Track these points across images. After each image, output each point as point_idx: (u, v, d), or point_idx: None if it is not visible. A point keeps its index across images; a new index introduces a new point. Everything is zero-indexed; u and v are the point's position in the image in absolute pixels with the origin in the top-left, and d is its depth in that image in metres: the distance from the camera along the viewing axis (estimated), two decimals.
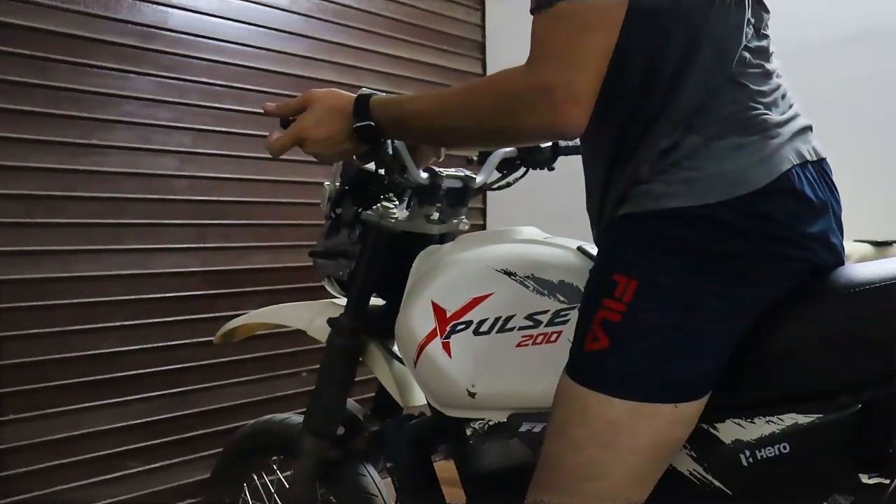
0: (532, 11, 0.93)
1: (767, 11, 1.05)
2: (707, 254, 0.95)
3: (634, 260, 0.98)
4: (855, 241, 2.29)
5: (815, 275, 0.99)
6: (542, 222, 1.35)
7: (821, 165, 1.02)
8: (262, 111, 1.20)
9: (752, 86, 0.99)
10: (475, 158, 1.57)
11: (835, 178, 1.05)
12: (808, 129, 1.04)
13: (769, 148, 0.97)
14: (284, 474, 1.61)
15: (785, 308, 0.98)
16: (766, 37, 1.04)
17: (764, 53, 1.03)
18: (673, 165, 0.97)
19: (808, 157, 1.00)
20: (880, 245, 2.29)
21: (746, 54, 1.00)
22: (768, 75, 1.02)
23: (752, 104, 0.99)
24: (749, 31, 1.00)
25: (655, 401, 0.95)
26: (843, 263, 1.04)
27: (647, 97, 0.98)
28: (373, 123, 1.08)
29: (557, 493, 1.00)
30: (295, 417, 1.56)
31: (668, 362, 0.95)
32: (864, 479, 0.98)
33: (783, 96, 1.04)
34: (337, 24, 2.69)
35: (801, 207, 0.97)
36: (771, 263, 0.96)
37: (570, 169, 1.70)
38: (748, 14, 1.00)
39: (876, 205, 2.45)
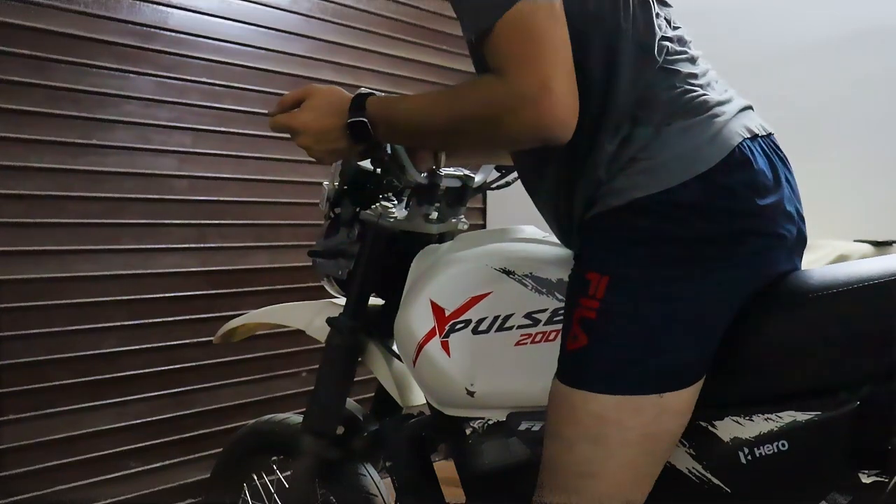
0: (480, 35, 0.93)
1: (670, 6, 1.08)
2: (673, 241, 0.96)
3: (604, 256, 1.00)
4: (855, 241, 2.29)
5: (787, 250, 1.01)
6: (542, 222, 1.35)
7: (770, 139, 1.05)
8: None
9: (683, 70, 1.02)
10: None
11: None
12: (750, 107, 1.06)
13: (716, 126, 0.99)
14: (284, 474, 1.61)
15: (783, 304, 0.98)
16: (678, 28, 1.07)
17: (683, 41, 1.06)
18: (630, 161, 0.99)
19: (757, 132, 1.02)
20: (880, 245, 2.29)
21: (667, 43, 1.03)
22: (694, 60, 1.05)
23: (688, 87, 1.01)
24: (661, 23, 1.03)
25: (638, 392, 0.96)
26: (804, 232, 1.06)
27: (584, 103, 0.97)
28: (365, 120, 1.08)
29: (558, 494, 1.01)
30: (295, 417, 1.56)
31: (647, 353, 0.96)
32: (863, 475, 0.98)
33: (716, 80, 1.06)
34: (337, 24, 2.69)
35: (756, 179, 0.98)
36: (735, 240, 0.97)
37: None
38: (655, 9, 1.03)
39: (876, 205, 2.45)
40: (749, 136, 1.00)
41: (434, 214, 1.36)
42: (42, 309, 2.01)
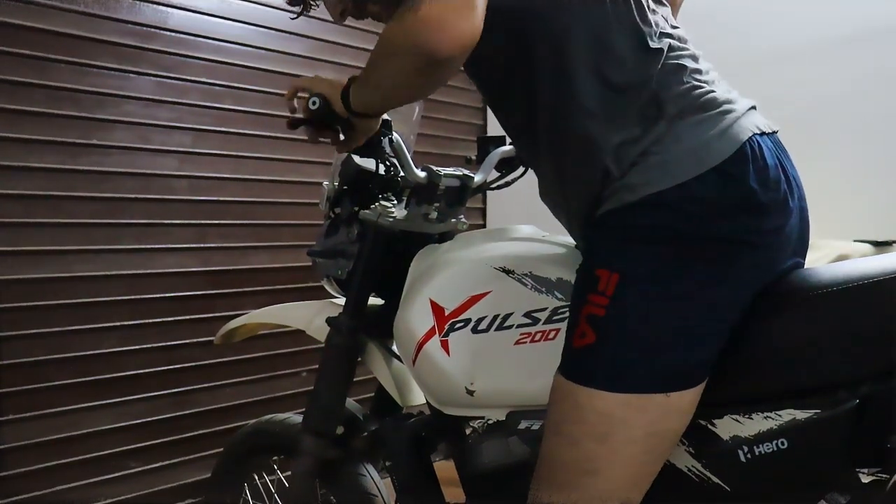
0: None
1: (665, 5, 1.09)
2: (685, 238, 0.96)
3: (615, 253, 0.99)
4: (855, 241, 2.30)
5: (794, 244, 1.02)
6: (542, 221, 1.35)
7: (775, 136, 1.05)
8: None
9: (688, 66, 1.02)
10: (474, 158, 1.57)
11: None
12: (754, 107, 1.07)
13: (727, 120, 0.99)
14: (284, 474, 1.61)
15: (782, 303, 0.98)
16: (677, 27, 1.08)
17: (683, 39, 1.06)
18: (642, 154, 0.99)
19: (764, 130, 1.02)
20: (880, 245, 2.29)
21: (668, 39, 1.03)
22: (696, 58, 1.05)
23: (696, 83, 1.02)
24: (657, 19, 1.04)
25: (645, 391, 0.95)
26: (807, 230, 1.06)
27: (592, 96, 1.00)
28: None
29: (557, 490, 1.01)
30: (295, 417, 1.56)
31: (656, 352, 0.96)
32: (862, 474, 0.98)
33: (719, 79, 1.07)
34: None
35: (767, 173, 0.98)
36: (747, 237, 0.97)
37: None
38: (650, 4, 1.04)
39: (876, 205, 2.45)
40: (758, 132, 1.00)
41: (433, 214, 1.36)
42: (42, 309, 2.01)
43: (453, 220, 1.41)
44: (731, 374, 0.99)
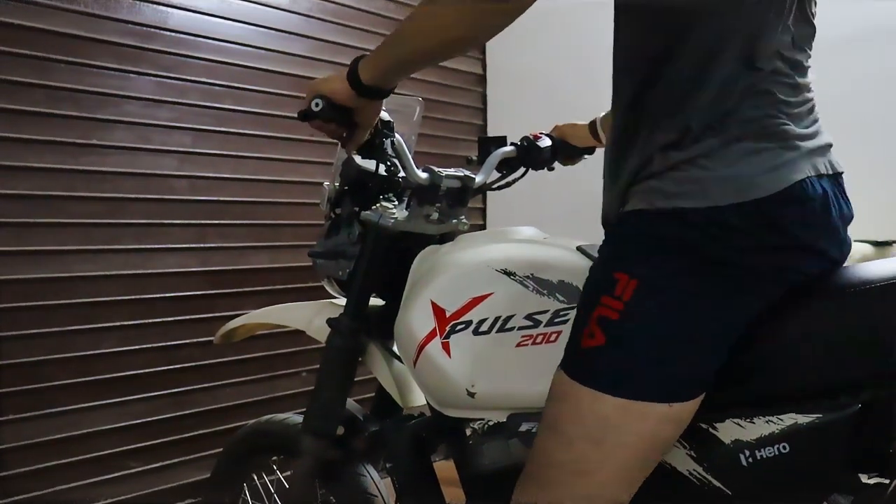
0: None
1: (813, 28, 1.04)
2: (710, 259, 0.95)
3: (637, 259, 0.98)
4: (855, 241, 2.29)
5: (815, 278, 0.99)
6: (542, 222, 1.35)
7: (836, 179, 1.02)
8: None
9: (778, 94, 0.98)
10: (475, 158, 1.57)
11: None
12: (829, 146, 1.03)
13: (784, 157, 0.96)
14: (284, 474, 1.61)
15: (785, 307, 0.98)
16: (804, 51, 1.02)
17: (798, 66, 1.01)
18: (686, 162, 0.97)
19: (824, 171, 0.99)
20: (880, 245, 2.28)
21: (779, 63, 0.98)
22: (797, 88, 1.01)
23: (775, 112, 0.98)
24: (786, 39, 0.99)
25: (648, 399, 0.95)
26: (840, 264, 1.04)
27: (667, 90, 0.98)
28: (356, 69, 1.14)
29: (545, 489, 1.01)
30: (295, 417, 1.56)
31: (664, 362, 0.95)
32: (864, 479, 0.98)
33: (810, 111, 1.03)
34: (337, 24, 2.69)
35: (810, 218, 0.96)
36: (772, 274, 0.96)
37: (570, 170, 1.71)
38: (787, 21, 0.99)
39: (876, 205, 2.44)
40: (815, 174, 0.97)
41: (435, 215, 1.36)
42: (42, 309, 2.01)
43: (454, 220, 1.40)
44: (734, 377, 0.98)
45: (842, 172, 1.03)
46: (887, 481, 0.94)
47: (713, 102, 0.97)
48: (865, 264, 1.01)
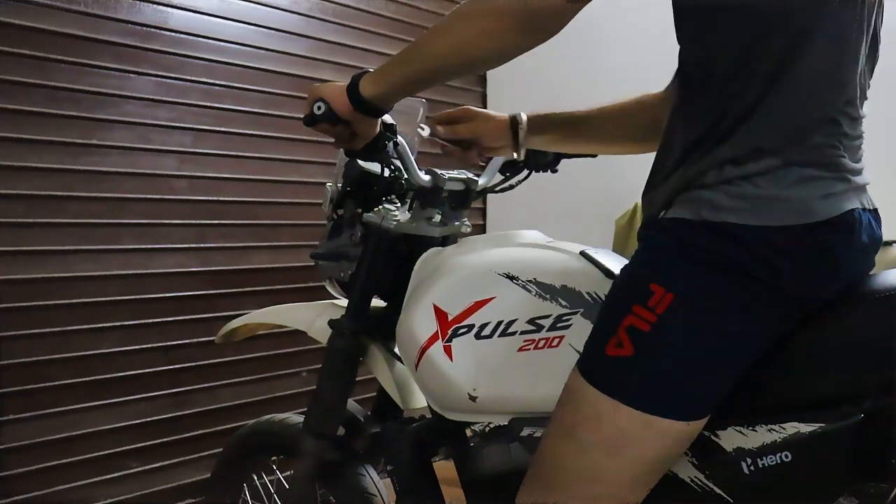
0: None
1: (878, 54, 1.03)
2: (751, 279, 0.93)
3: (676, 272, 0.95)
4: None
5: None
6: (544, 224, 1.35)
7: (875, 214, 1.02)
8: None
9: (843, 126, 0.97)
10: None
11: None
12: (867, 184, 1.03)
13: (838, 188, 0.95)
14: (284, 474, 1.61)
15: None
16: (867, 87, 1.02)
17: (864, 97, 1.01)
18: (741, 178, 0.94)
19: (867, 206, 1.00)
20: (881, 245, 2.28)
21: (856, 93, 0.98)
22: (857, 121, 1.00)
23: (837, 143, 0.96)
24: (867, 67, 0.99)
25: (670, 416, 0.94)
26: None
27: (739, 98, 0.95)
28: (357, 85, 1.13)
29: (553, 492, 1.00)
30: (295, 417, 1.56)
31: (689, 381, 0.95)
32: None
33: (859, 147, 1.02)
34: (337, 24, 2.69)
35: (855, 251, 0.96)
36: (805, 300, 0.95)
37: (572, 172, 1.70)
38: (865, 48, 0.98)
39: (876, 205, 2.45)
40: (861, 207, 0.97)
41: (437, 217, 1.36)
42: (42, 309, 2.01)
43: (457, 223, 1.40)
44: (737, 386, 0.98)
45: (876, 209, 1.03)
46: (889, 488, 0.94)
47: (784, 126, 0.94)
48: (868, 275, 1.01)
